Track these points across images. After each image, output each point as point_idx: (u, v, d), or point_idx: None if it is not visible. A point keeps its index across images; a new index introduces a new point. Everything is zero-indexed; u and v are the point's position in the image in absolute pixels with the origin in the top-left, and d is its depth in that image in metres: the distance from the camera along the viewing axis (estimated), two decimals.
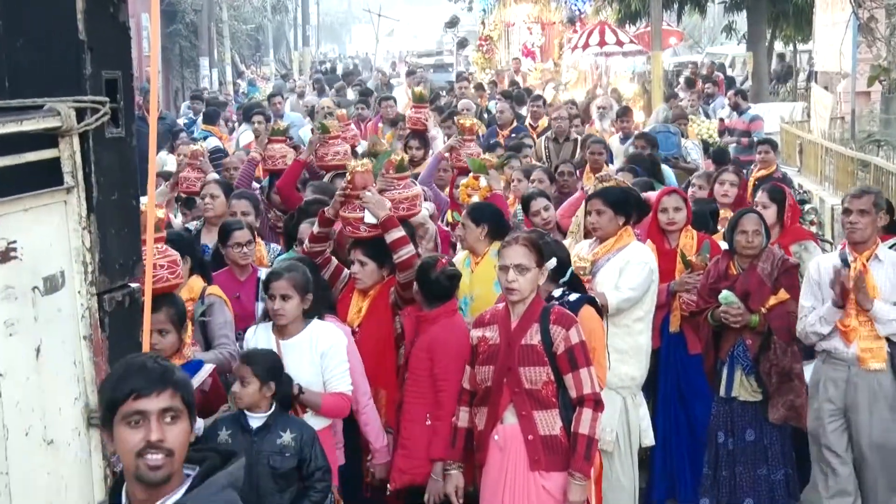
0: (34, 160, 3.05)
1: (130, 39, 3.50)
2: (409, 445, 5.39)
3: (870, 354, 5.89)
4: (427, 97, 11.44)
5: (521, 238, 4.95)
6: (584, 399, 4.79)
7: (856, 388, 5.90)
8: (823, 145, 15.16)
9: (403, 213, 6.09)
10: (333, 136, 8.22)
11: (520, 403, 4.82)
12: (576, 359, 4.79)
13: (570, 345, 4.79)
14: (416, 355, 5.44)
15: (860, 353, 5.88)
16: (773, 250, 6.40)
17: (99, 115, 3.20)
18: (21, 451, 3.01)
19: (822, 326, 5.92)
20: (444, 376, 5.28)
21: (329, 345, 5.17)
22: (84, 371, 3.25)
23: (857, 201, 5.95)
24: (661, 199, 7.01)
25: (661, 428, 6.76)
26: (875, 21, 15.42)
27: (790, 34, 25.89)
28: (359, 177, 5.92)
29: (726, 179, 8.22)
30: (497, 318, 4.97)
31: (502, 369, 4.85)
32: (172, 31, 34.79)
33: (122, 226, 3.40)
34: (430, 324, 5.44)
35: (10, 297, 2.97)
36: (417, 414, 5.39)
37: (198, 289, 5.75)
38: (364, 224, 5.85)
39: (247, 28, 45.31)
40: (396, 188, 6.13)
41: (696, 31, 39.59)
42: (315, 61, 44.86)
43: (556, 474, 4.79)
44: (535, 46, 25.57)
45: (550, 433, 4.79)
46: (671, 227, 6.91)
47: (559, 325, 4.81)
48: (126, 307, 3.41)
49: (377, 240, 5.85)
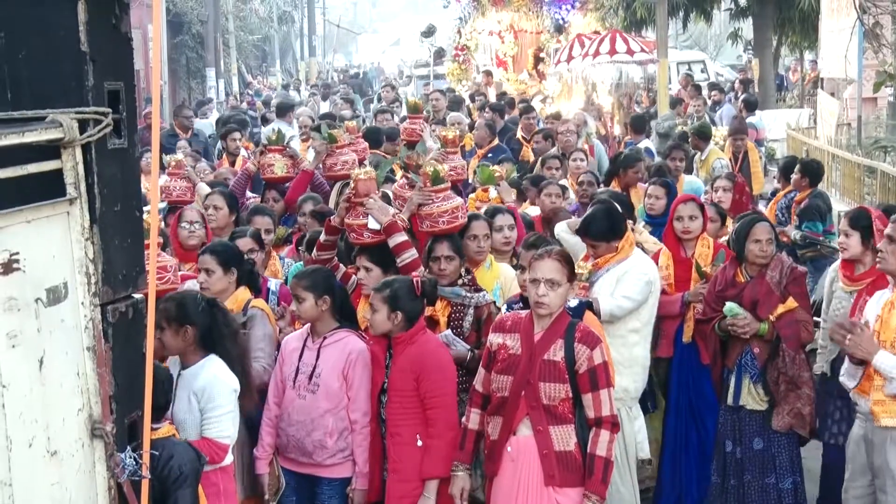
0: (37, 171, 3.05)
1: (132, 50, 3.51)
2: (400, 469, 5.29)
3: (881, 408, 5.12)
4: (422, 108, 11.38)
5: (553, 252, 4.92)
6: (603, 421, 4.78)
7: (873, 448, 5.24)
8: (830, 152, 15.14)
9: (445, 226, 6.05)
10: (341, 145, 8.20)
11: (536, 418, 4.79)
12: (598, 379, 4.77)
13: (594, 365, 4.77)
14: (399, 377, 5.31)
15: (873, 407, 5.16)
16: (781, 258, 6.36)
17: (101, 126, 3.19)
18: (24, 462, 3.00)
19: (849, 380, 5.40)
20: (433, 393, 5.21)
21: (205, 383, 4.90)
22: (87, 382, 3.24)
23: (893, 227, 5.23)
24: (677, 206, 6.99)
25: (671, 437, 6.75)
26: (881, 27, 15.42)
27: (796, 41, 25.87)
28: (362, 184, 5.99)
29: (720, 186, 8.26)
30: (519, 326, 4.91)
31: (521, 382, 4.80)
32: (179, 42, 34.85)
33: (125, 236, 3.40)
34: (407, 344, 5.33)
35: (12, 309, 2.97)
36: (406, 436, 5.29)
37: (242, 300, 5.80)
38: (368, 230, 5.89)
39: (253, 38, 45.39)
40: (435, 201, 6.10)
41: (703, 39, 39.57)
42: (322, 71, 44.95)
43: (570, 490, 4.77)
44: (508, 56, 24.63)
45: (565, 449, 4.77)
46: (686, 235, 6.86)
47: (584, 345, 4.78)
48: (129, 318, 3.41)
49: (382, 246, 5.88)
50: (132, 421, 3.43)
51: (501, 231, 6.81)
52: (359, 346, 5.48)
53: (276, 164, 8.46)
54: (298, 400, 5.45)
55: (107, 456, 3.29)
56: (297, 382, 5.47)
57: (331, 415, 5.40)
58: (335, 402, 5.41)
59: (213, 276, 5.78)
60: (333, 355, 5.44)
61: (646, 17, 24.66)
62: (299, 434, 5.45)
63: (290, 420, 5.48)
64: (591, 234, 6.27)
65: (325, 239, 6.12)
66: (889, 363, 5.01)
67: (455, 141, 7.87)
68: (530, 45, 24.31)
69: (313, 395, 5.41)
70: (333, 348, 5.46)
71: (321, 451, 5.42)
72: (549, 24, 24.38)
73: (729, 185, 8.25)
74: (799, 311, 6.18)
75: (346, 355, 5.43)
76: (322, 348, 5.47)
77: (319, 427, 5.41)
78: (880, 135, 16.59)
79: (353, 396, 5.42)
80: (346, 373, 5.41)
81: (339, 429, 5.42)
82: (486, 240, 6.42)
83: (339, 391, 5.41)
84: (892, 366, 5.01)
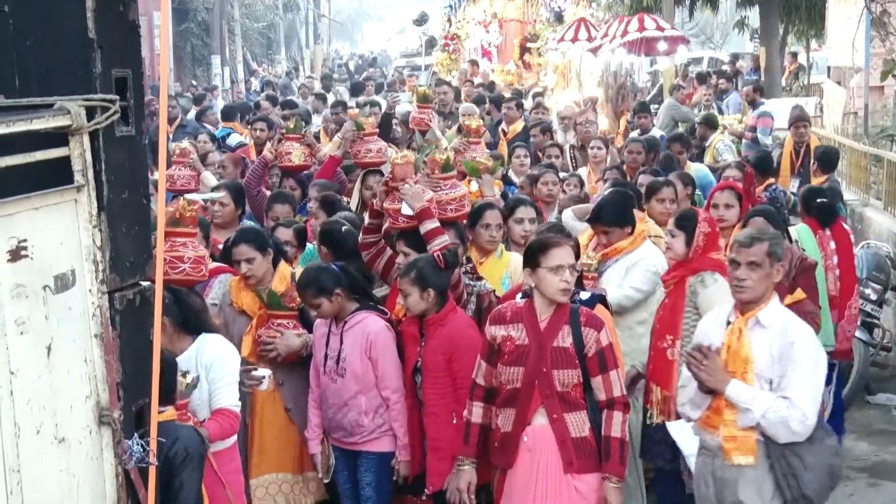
0: (44, 159, 3.05)
1: (140, 38, 3.51)
2: (441, 447, 5.41)
3: (733, 445, 4.58)
4: (431, 97, 11.32)
5: (564, 239, 4.95)
6: (615, 402, 4.79)
7: (724, 485, 4.67)
8: (836, 140, 15.10)
9: (451, 214, 6.09)
10: (369, 132, 8.17)
11: (551, 406, 4.77)
12: (606, 361, 4.78)
13: (601, 347, 4.77)
14: (431, 358, 5.45)
15: (724, 444, 4.60)
16: (791, 249, 6.33)
17: (109, 113, 3.19)
18: (33, 449, 3.01)
19: (693, 410, 4.78)
20: (466, 374, 5.24)
21: (212, 357, 5.01)
22: (95, 369, 3.25)
23: (747, 251, 4.62)
24: (714, 194, 6.99)
25: None
26: (888, 15, 15.38)
27: (803, 29, 25.79)
28: (399, 168, 5.99)
29: (729, 175, 8.21)
30: (520, 316, 4.88)
31: (534, 371, 4.78)
32: (184, 29, 34.89)
33: (133, 224, 3.40)
34: (438, 326, 5.44)
35: (20, 296, 2.97)
36: (443, 415, 5.41)
37: (287, 275, 5.96)
38: (402, 215, 5.90)
39: (258, 26, 45.41)
40: (443, 189, 6.12)
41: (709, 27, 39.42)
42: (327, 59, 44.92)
43: (588, 476, 4.77)
44: (493, 46, 23.62)
45: (581, 435, 4.77)
46: (721, 223, 6.64)
47: (590, 328, 4.79)
48: (137, 305, 3.41)
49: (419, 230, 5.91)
50: (139, 408, 3.44)
51: (522, 224, 6.77)
52: (377, 325, 5.61)
53: (294, 152, 8.50)
54: (331, 384, 5.64)
55: (114, 443, 3.30)
56: (327, 367, 5.66)
57: (362, 395, 5.59)
58: (364, 384, 5.59)
59: (255, 262, 5.92)
60: (355, 339, 5.59)
61: (652, 5, 24.56)
62: (337, 416, 5.65)
63: (328, 403, 5.69)
64: (604, 220, 6.28)
65: (369, 222, 6.17)
66: (743, 394, 4.53)
67: (478, 131, 7.85)
68: (515, 35, 23.38)
69: (343, 379, 5.60)
70: (354, 332, 5.61)
71: (359, 430, 5.63)
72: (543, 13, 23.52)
73: (738, 175, 8.18)
74: (806, 302, 6.17)
75: (365, 337, 5.57)
76: (344, 333, 5.62)
77: (353, 408, 5.60)
78: (887, 123, 16.55)
79: (380, 375, 5.58)
80: (370, 354, 5.56)
81: (373, 407, 5.60)
82: (498, 229, 6.44)
83: (365, 373, 5.58)
84: (746, 397, 4.52)
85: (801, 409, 4.46)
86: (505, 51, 23.49)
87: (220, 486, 4.74)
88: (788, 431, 4.47)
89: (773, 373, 4.52)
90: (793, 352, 4.51)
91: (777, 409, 4.46)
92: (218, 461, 4.79)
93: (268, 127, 11.81)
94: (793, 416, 4.45)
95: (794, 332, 4.58)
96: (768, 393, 4.53)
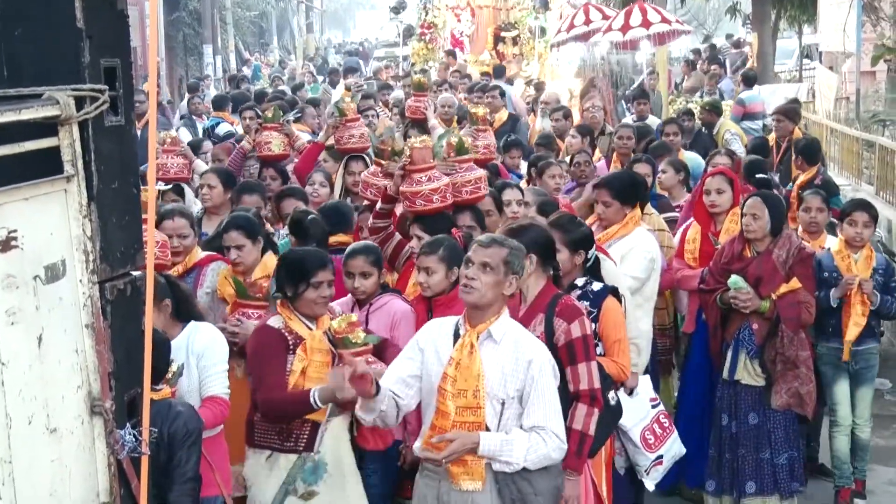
0: (34, 149, 3.05)
1: (129, 27, 3.50)
2: None
3: (462, 469, 4.26)
4: (427, 86, 11.26)
5: None
6: (580, 395, 4.72)
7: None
8: (828, 126, 15.13)
9: (467, 196, 6.10)
10: (351, 118, 8.15)
11: None
12: (575, 353, 4.71)
13: (571, 338, 4.71)
14: None
15: (451, 467, 4.26)
16: (791, 237, 6.34)
17: (98, 103, 3.19)
18: (24, 439, 3.01)
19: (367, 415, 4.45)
20: None
21: (204, 345, 5.01)
22: (86, 359, 3.25)
23: (483, 251, 4.32)
24: (706, 180, 7.02)
25: (681, 410, 6.78)
26: (880, 0, 15.37)
27: (795, 15, 25.77)
28: (417, 152, 5.96)
29: (718, 163, 8.23)
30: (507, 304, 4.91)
31: None
32: (175, 18, 34.76)
33: (123, 214, 3.40)
34: (447, 308, 5.39)
35: (11, 287, 2.97)
36: None
37: (272, 265, 5.81)
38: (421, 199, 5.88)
39: (250, 15, 45.26)
40: (458, 171, 6.13)
41: (701, 13, 39.38)
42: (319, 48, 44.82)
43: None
44: (465, 35, 22.30)
45: None
46: (713, 209, 6.87)
47: (562, 318, 4.75)
48: (128, 295, 3.41)
49: (436, 215, 5.92)
50: (131, 398, 3.44)
51: (510, 206, 6.78)
52: (403, 307, 5.61)
53: (273, 141, 8.44)
54: None
55: (106, 433, 3.30)
56: None
57: None
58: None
59: (244, 249, 5.89)
60: (381, 319, 5.55)
61: None
62: None
63: None
64: (610, 186, 6.34)
65: (380, 207, 6.14)
66: (497, 446, 4.21)
67: (485, 119, 7.86)
68: (489, 24, 22.11)
69: None
70: (380, 313, 5.58)
71: None
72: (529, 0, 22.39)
73: (728, 163, 8.20)
74: (802, 292, 6.18)
75: (391, 317, 5.54)
76: (370, 315, 5.59)
77: None
78: (878, 108, 16.60)
79: None
80: (392, 333, 5.51)
81: None
82: (518, 205, 6.65)
83: None
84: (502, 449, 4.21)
85: (555, 436, 4.26)
86: (477, 40, 22.27)
87: (210, 470, 4.75)
88: (550, 462, 4.30)
89: (505, 392, 4.23)
90: (532, 371, 4.24)
91: (536, 447, 4.23)
92: (206, 447, 4.81)
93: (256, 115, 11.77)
94: (552, 448, 4.25)
95: (529, 348, 4.30)
96: (518, 433, 4.24)
